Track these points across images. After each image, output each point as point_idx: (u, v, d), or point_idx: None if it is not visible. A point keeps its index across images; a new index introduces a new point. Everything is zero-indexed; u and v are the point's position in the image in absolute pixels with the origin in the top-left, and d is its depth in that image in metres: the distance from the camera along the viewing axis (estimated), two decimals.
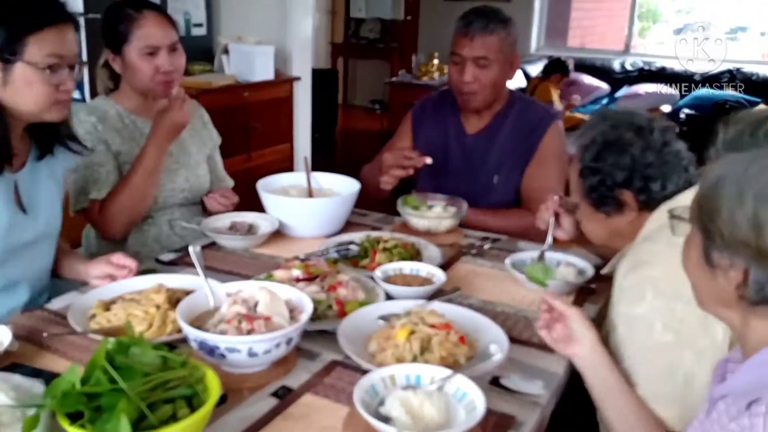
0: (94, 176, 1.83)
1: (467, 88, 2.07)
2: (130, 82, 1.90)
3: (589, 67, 6.22)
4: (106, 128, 1.87)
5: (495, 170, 2.16)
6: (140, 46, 1.82)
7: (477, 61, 2.04)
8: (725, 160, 0.84)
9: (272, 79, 3.64)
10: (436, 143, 2.21)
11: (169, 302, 1.34)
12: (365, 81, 8.98)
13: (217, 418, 1.04)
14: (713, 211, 0.82)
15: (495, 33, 2.03)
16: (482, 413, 0.97)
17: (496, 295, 1.54)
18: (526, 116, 2.17)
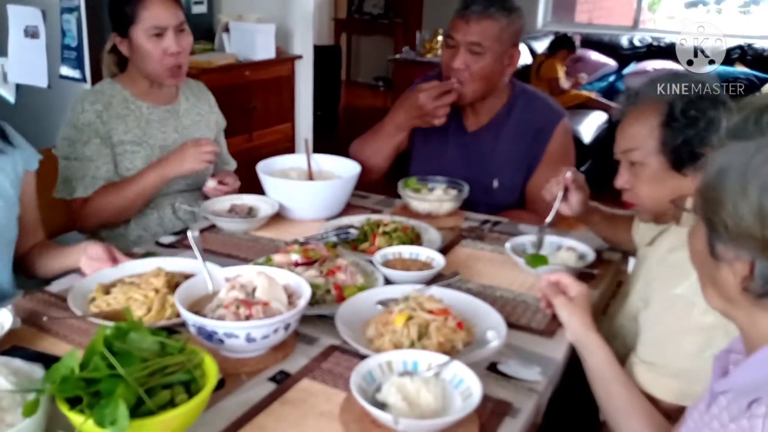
0: (82, 171, 1.83)
1: (456, 75, 1.95)
2: (137, 66, 1.89)
3: (597, 43, 6.14)
4: (111, 115, 1.86)
5: (495, 174, 2.07)
6: (147, 27, 1.81)
7: (470, 46, 1.91)
8: (728, 150, 0.81)
9: (273, 58, 3.61)
10: (436, 140, 2.13)
11: (168, 286, 1.34)
12: (369, 57, 8.92)
13: (215, 403, 1.05)
14: (717, 202, 0.79)
15: (494, 18, 1.90)
16: (478, 400, 0.98)
17: (495, 280, 1.54)
18: (531, 116, 2.05)
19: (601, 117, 5.22)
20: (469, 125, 2.11)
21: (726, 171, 0.79)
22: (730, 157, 0.80)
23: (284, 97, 3.79)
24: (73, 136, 1.83)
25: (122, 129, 1.87)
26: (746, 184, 0.76)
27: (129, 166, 1.89)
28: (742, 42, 5.69)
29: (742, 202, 0.77)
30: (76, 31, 2.89)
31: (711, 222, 0.81)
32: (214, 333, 1.11)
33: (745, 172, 0.77)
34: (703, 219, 0.84)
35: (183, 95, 2.02)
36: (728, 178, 0.78)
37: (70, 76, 2.99)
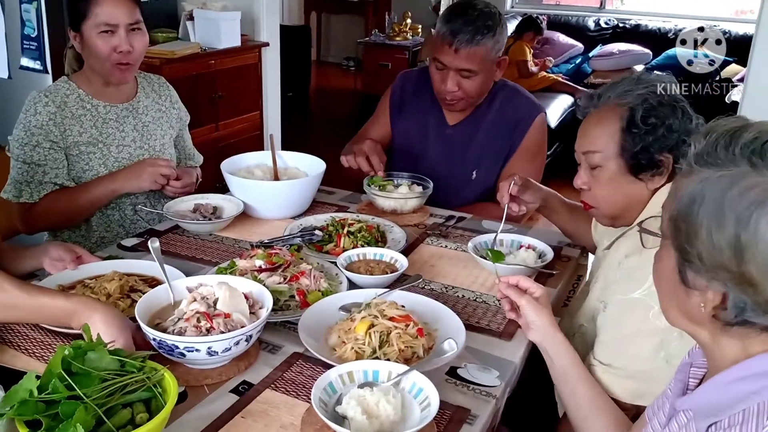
0: (30, 175, 1.80)
1: (450, 96, 1.98)
2: (88, 63, 1.86)
3: (563, 25, 6.17)
4: (66, 116, 1.83)
5: (474, 165, 2.10)
6: (97, 23, 1.77)
7: (460, 72, 1.93)
8: (701, 178, 0.79)
9: (239, 46, 3.56)
10: (415, 132, 2.15)
11: (121, 291, 1.36)
12: (339, 37, 8.84)
13: (177, 417, 1.06)
14: (691, 232, 0.78)
15: (481, 44, 1.89)
16: (435, 411, 1.00)
17: (458, 280, 1.57)
18: (510, 109, 2.08)
19: (568, 100, 5.27)
20: (450, 119, 2.13)
21: (701, 201, 0.77)
22: (704, 186, 0.78)
23: (251, 86, 3.75)
24: (23, 138, 1.79)
25: (77, 130, 1.84)
26: (722, 217, 0.75)
27: (85, 167, 1.86)
28: (704, 24, 5.75)
29: (719, 234, 0.75)
30: (36, 21, 2.82)
31: (684, 251, 0.80)
32: (175, 347, 1.12)
33: (721, 204, 0.75)
34: (674, 246, 0.82)
35: (142, 92, 1.99)
36: (703, 209, 0.77)
37: (31, 67, 2.92)
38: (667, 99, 1.31)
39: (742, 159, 0.76)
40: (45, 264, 1.48)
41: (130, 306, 1.33)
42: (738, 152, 0.77)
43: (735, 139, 0.78)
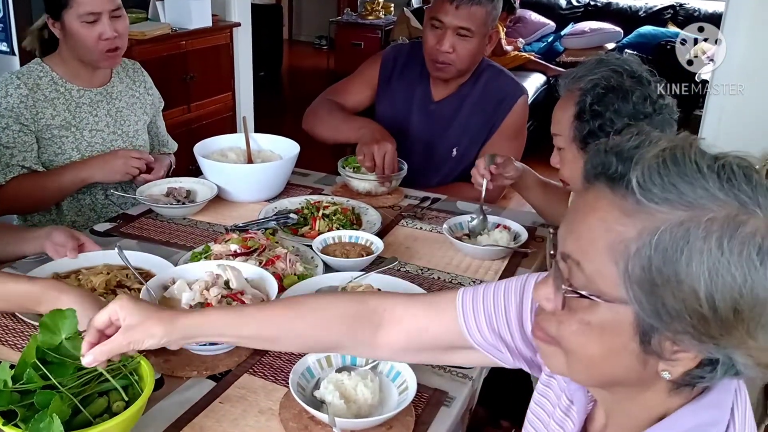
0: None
1: (443, 58, 1.97)
2: (71, 49, 1.81)
3: (536, 3, 6.18)
4: (38, 99, 1.79)
5: (455, 143, 2.11)
6: (81, 12, 1.74)
7: (458, 30, 1.93)
8: (676, 222, 0.61)
9: (210, 26, 3.50)
10: (400, 104, 2.15)
11: (107, 286, 1.33)
12: (310, 15, 8.73)
13: (154, 404, 1.06)
14: (671, 292, 0.61)
15: (482, 5, 1.92)
16: (413, 394, 1.02)
17: (433, 262, 1.58)
18: (494, 88, 2.09)
19: (540, 78, 5.29)
20: (435, 94, 2.13)
21: (688, 255, 0.60)
22: (687, 234, 0.61)
23: (223, 66, 3.69)
24: None
25: (50, 113, 1.81)
26: (723, 275, 0.59)
27: (57, 151, 1.83)
28: (674, 2, 5.81)
29: (717, 295, 0.60)
30: (2, 3, 2.74)
31: (655, 312, 0.63)
32: None
33: (719, 259, 0.59)
34: (638, 306, 0.63)
35: (117, 77, 1.96)
36: (695, 266, 0.60)
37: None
38: (618, 83, 1.33)
39: (721, 193, 0.61)
40: (47, 248, 1.45)
41: None
42: (714, 186, 0.61)
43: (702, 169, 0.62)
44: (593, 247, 0.66)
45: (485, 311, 0.90)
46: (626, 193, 0.64)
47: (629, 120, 1.32)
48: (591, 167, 0.68)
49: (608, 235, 0.64)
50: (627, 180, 0.64)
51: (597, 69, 1.36)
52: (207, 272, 1.27)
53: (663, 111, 1.34)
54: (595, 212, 0.66)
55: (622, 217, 0.64)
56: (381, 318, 0.95)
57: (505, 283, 0.92)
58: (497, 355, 0.92)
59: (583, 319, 0.68)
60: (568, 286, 0.68)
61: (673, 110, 1.37)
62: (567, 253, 0.69)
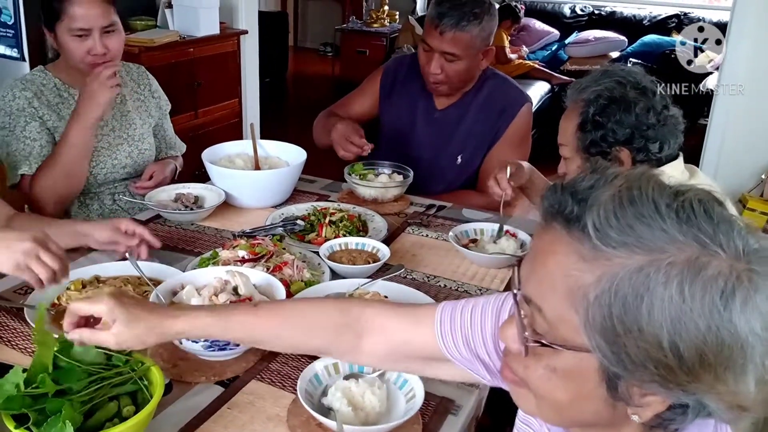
0: (27, 151, 1.77)
1: (433, 78, 2.01)
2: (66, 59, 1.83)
3: (540, 12, 6.20)
4: (42, 104, 1.80)
5: (460, 150, 2.12)
6: (71, 26, 1.73)
7: (445, 55, 1.96)
8: (635, 267, 0.59)
9: (218, 34, 3.53)
10: (404, 114, 2.17)
11: None
12: (316, 23, 8.78)
13: (162, 409, 1.07)
14: (633, 340, 0.59)
15: (466, 31, 1.91)
16: (421, 402, 1.02)
17: (439, 270, 1.59)
18: (498, 96, 2.11)
19: (544, 87, 5.30)
20: (439, 104, 2.15)
21: (649, 303, 0.58)
22: (647, 281, 0.58)
23: (230, 73, 3.72)
24: (6, 121, 1.77)
25: (55, 117, 1.82)
26: (686, 322, 0.57)
27: None
28: (679, 11, 5.83)
29: (681, 343, 0.58)
30: (13, 9, 2.77)
31: (618, 360, 0.60)
32: None
33: (680, 306, 0.57)
34: (601, 353, 0.61)
35: (121, 81, 1.97)
36: (656, 314, 0.58)
37: (8, 55, 2.87)
38: (621, 94, 1.36)
39: (680, 234, 0.59)
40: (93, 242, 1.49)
41: None
42: (673, 228, 0.59)
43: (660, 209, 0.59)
44: (553, 293, 0.64)
45: (462, 329, 0.90)
46: (582, 237, 0.61)
47: (632, 130, 1.34)
48: (548, 205, 0.66)
49: (567, 280, 0.62)
50: (583, 223, 0.61)
51: (601, 80, 1.39)
52: (216, 278, 1.28)
53: (668, 122, 1.36)
54: (553, 255, 0.64)
55: (580, 262, 0.61)
56: (363, 327, 0.95)
57: (483, 301, 0.91)
58: (476, 371, 0.91)
59: (549, 365, 0.66)
60: (531, 332, 0.67)
61: (678, 120, 1.38)
62: (529, 296, 0.67)
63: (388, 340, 0.95)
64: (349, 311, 0.96)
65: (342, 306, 0.99)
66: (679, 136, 1.39)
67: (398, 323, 0.94)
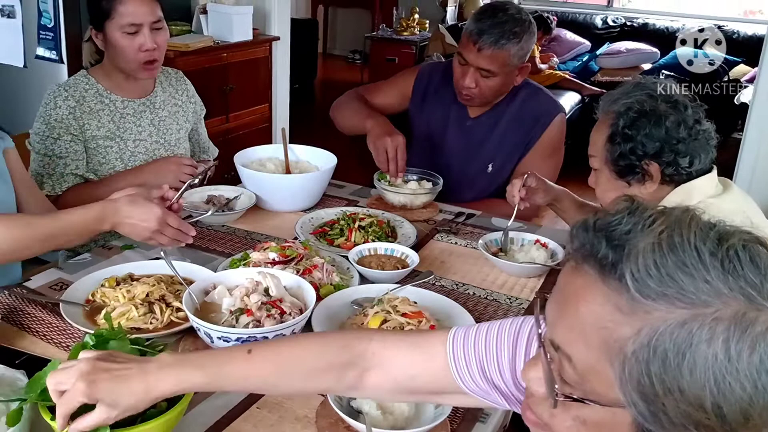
0: (51, 168, 1.81)
1: (466, 92, 2.01)
2: (112, 60, 1.86)
3: (571, 22, 6.17)
4: (84, 111, 1.84)
5: (491, 158, 2.12)
6: (122, 23, 1.78)
7: (480, 71, 1.96)
8: (677, 322, 0.55)
9: (251, 40, 3.58)
10: (436, 121, 2.17)
11: (146, 298, 1.33)
12: (345, 30, 8.84)
13: (193, 406, 1.08)
14: (672, 397, 0.56)
15: (504, 49, 1.91)
16: (450, 408, 1.02)
17: (468, 277, 1.58)
18: (531, 105, 2.10)
19: (575, 97, 5.27)
20: (472, 112, 2.14)
21: (691, 361, 0.54)
22: (689, 337, 0.55)
23: (261, 79, 3.77)
24: (44, 131, 1.81)
25: (95, 124, 1.86)
26: (730, 380, 0.54)
27: (102, 160, 1.88)
28: (713, 23, 5.75)
29: (724, 404, 0.55)
30: (53, 11, 2.84)
31: (653, 416, 0.58)
32: (264, 339, 1.14)
33: (725, 365, 0.54)
34: (636, 410, 0.59)
35: (159, 86, 2.01)
36: (698, 372, 0.54)
37: (47, 57, 2.94)
38: (652, 107, 1.35)
39: (725, 287, 0.55)
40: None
41: (143, 314, 1.28)
42: (718, 279, 0.55)
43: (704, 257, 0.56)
44: (585, 343, 0.60)
45: (477, 358, 0.86)
46: (620, 287, 0.58)
47: (662, 144, 1.33)
48: (579, 245, 0.62)
49: (601, 332, 0.59)
50: (620, 272, 0.58)
51: (633, 92, 1.39)
52: (247, 279, 1.29)
53: (699, 136, 1.35)
54: (586, 304, 0.60)
55: (616, 314, 0.58)
56: (368, 362, 0.91)
57: (498, 326, 0.87)
58: (493, 401, 0.88)
59: (578, 416, 0.63)
60: (560, 381, 0.63)
61: (710, 135, 1.37)
62: (557, 343, 0.64)
63: (393, 375, 0.90)
64: (352, 348, 0.91)
65: (345, 342, 0.93)
66: (710, 150, 1.38)
67: (406, 357, 0.90)
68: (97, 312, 1.31)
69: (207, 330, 1.14)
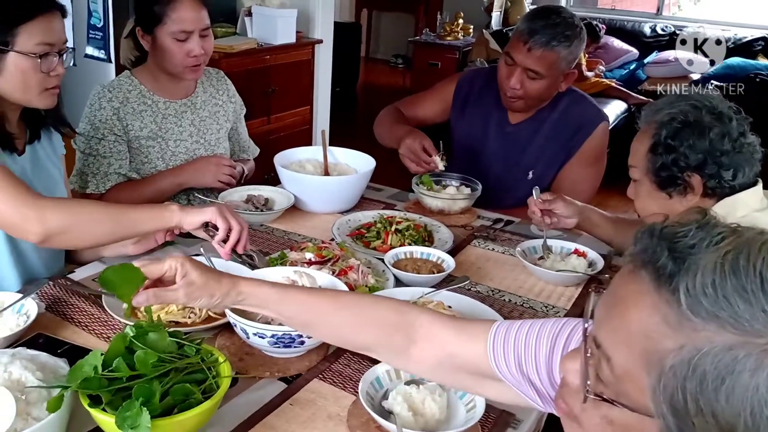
0: (96, 167, 1.86)
1: (511, 93, 1.99)
2: (157, 62, 1.91)
3: (619, 30, 6.07)
4: (127, 112, 1.89)
5: (532, 165, 2.10)
6: (174, 30, 1.82)
7: (527, 71, 1.94)
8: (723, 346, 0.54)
9: (294, 42, 3.62)
10: (477, 127, 2.17)
11: None
12: (388, 34, 8.87)
13: (227, 401, 1.09)
14: (703, 418, 0.55)
15: (554, 50, 1.90)
16: (482, 412, 1.02)
17: (504, 284, 1.57)
18: (575, 112, 2.08)
19: (621, 106, 5.18)
20: (512, 118, 2.13)
21: (730, 385, 0.53)
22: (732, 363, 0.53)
23: (303, 81, 3.81)
24: (89, 131, 1.86)
25: (138, 125, 1.90)
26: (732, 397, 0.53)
27: (144, 160, 1.93)
28: (766, 34, 5.60)
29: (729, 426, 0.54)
30: (102, 11, 2.92)
31: (680, 429, 0.57)
32: (298, 337, 1.15)
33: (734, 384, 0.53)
34: (662, 419, 0.58)
35: (201, 86, 2.04)
36: (734, 397, 0.53)
37: (96, 56, 3.03)
38: (696, 118, 1.32)
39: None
40: None
41: (181, 309, 1.30)
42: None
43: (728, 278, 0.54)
44: (627, 348, 0.60)
45: (515, 351, 0.87)
46: (671, 299, 0.56)
47: (705, 156, 1.30)
48: (640, 249, 0.61)
49: (645, 341, 0.58)
50: (675, 285, 0.56)
51: (677, 103, 1.36)
52: (283, 277, 1.31)
53: (743, 149, 1.32)
54: (636, 310, 0.60)
55: (663, 325, 0.57)
56: (416, 333, 0.94)
57: (540, 324, 0.88)
58: (527, 394, 0.88)
59: (606, 416, 0.63)
60: (594, 379, 0.64)
61: (755, 148, 1.34)
62: (599, 341, 0.64)
63: (438, 350, 0.93)
64: (406, 313, 0.96)
65: (399, 307, 0.98)
66: (755, 164, 1.34)
67: (450, 335, 0.92)
68: None
69: (243, 326, 1.15)
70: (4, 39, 1.36)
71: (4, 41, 1.36)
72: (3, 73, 1.38)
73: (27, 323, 1.23)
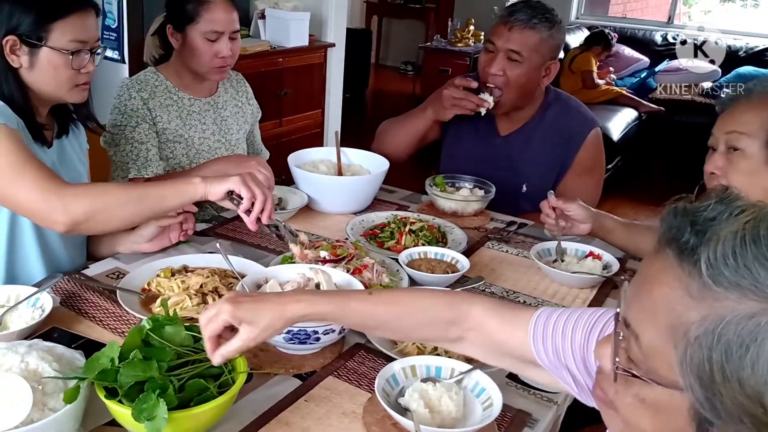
0: (134, 153, 1.86)
1: (492, 81, 1.95)
2: (184, 60, 1.91)
3: (630, 38, 6.07)
4: (155, 104, 1.90)
5: (524, 178, 2.07)
6: (205, 30, 1.83)
7: (509, 53, 1.91)
8: (745, 314, 0.55)
9: (306, 46, 3.64)
10: (466, 139, 2.14)
11: (200, 289, 1.36)
12: (399, 41, 8.90)
13: (242, 396, 1.09)
14: (729, 387, 0.55)
15: (536, 30, 1.89)
16: (498, 411, 1.01)
17: (519, 285, 1.57)
18: (563, 123, 2.04)
19: (631, 114, 5.17)
20: (501, 129, 2.11)
21: (756, 351, 0.54)
22: (756, 329, 0.54)
23: (315, 84, 3.82)
24: (121, 121, 1.86)
25: (166, 118, 1.91)
26: (757, 365, 0.54)
27: (169, 155, 1.93)
28: None
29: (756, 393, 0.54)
30: (117, 12, 2.94)
31: (709, 402, 0.57)
32: (314, 332, 1.15)
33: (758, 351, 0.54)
34: (694, 396, 0.58)
35: (222, 87, 2.05)
36: (761, 363, 0.54)
37: (110, 57, 3.04)
38: None
39: None
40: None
41: (196, 305, 1.31)
42: None
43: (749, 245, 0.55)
44: (653, 324, 0.61)
45: (553, 339, 0.90)
46: (693, 271, 0.57)
47: None
48: (665, 229, 0.62)
49: (669, 314, 0.59)
50: (696, 257, 0.57)
51: None
52: (299, 274, 1.31)
53: None
54: (659, 286, 0.61)
55: (686, 298, 0.58)
56: (468, 324, 0.99)
57: (579, 313, 0.91)
58: (564, 380, 0.91)
59: (638, 394, 0.64)
60: (624, 358, 0.64)
61: None
62: (628, 321, 0.65)
63: (486, 338, 0.98)
64: (457, 307, 0.99)
65: (453, 302, 1.01)
66: None
67: (498, 324, 0.97)
68: (152, 300, 1.34)
69: None
70: (38, 34, 1.38)
71: (39, 36, 1.38)
72: (35, 68, 1.40)
73: (42, 317, 1.23)
